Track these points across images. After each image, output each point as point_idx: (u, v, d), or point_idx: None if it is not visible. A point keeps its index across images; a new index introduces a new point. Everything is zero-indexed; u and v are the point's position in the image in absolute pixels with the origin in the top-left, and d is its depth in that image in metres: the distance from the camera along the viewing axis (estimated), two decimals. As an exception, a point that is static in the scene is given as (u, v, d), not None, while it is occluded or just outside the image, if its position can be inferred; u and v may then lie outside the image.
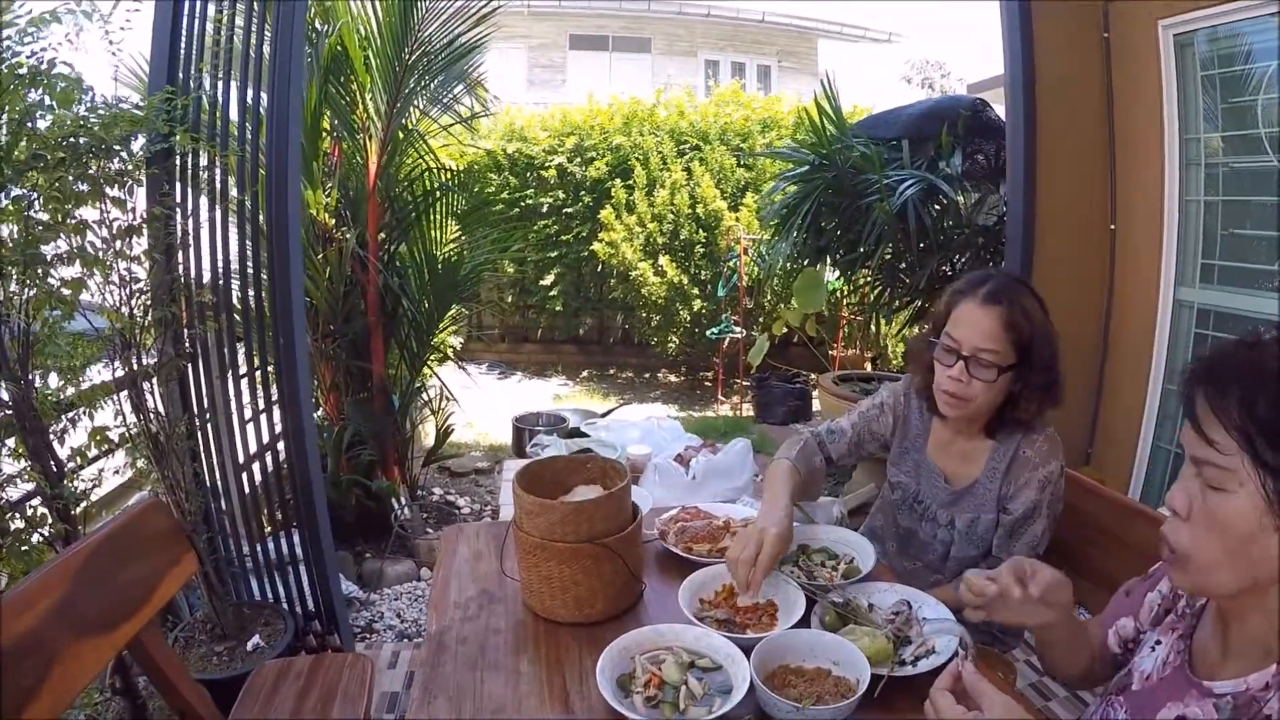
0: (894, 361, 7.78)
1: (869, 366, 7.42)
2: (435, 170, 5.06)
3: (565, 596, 1.91)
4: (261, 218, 3.18)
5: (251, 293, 3.27)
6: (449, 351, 6.76)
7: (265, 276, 3.23)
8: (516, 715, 1.65)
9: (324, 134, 4.69)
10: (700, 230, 7.92)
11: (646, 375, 8.86)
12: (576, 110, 8.87)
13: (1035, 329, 2.01)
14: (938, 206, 4.96)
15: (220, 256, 3.19)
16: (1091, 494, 2.31)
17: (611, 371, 8.95)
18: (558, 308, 8.59)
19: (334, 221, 4.64)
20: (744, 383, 7.67)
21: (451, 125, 5.32)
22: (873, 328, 7.72)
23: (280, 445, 3.39)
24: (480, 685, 1.73)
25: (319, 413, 4.82)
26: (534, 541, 1.89)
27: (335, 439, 4.65)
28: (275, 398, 3.32)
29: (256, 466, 3.43)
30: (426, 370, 5.42)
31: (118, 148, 2.66)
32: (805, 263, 5.68)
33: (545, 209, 8.54)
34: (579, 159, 8.53)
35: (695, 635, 1.77)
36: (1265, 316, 3.35)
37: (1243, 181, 3.57)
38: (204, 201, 3.16)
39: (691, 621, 1.84)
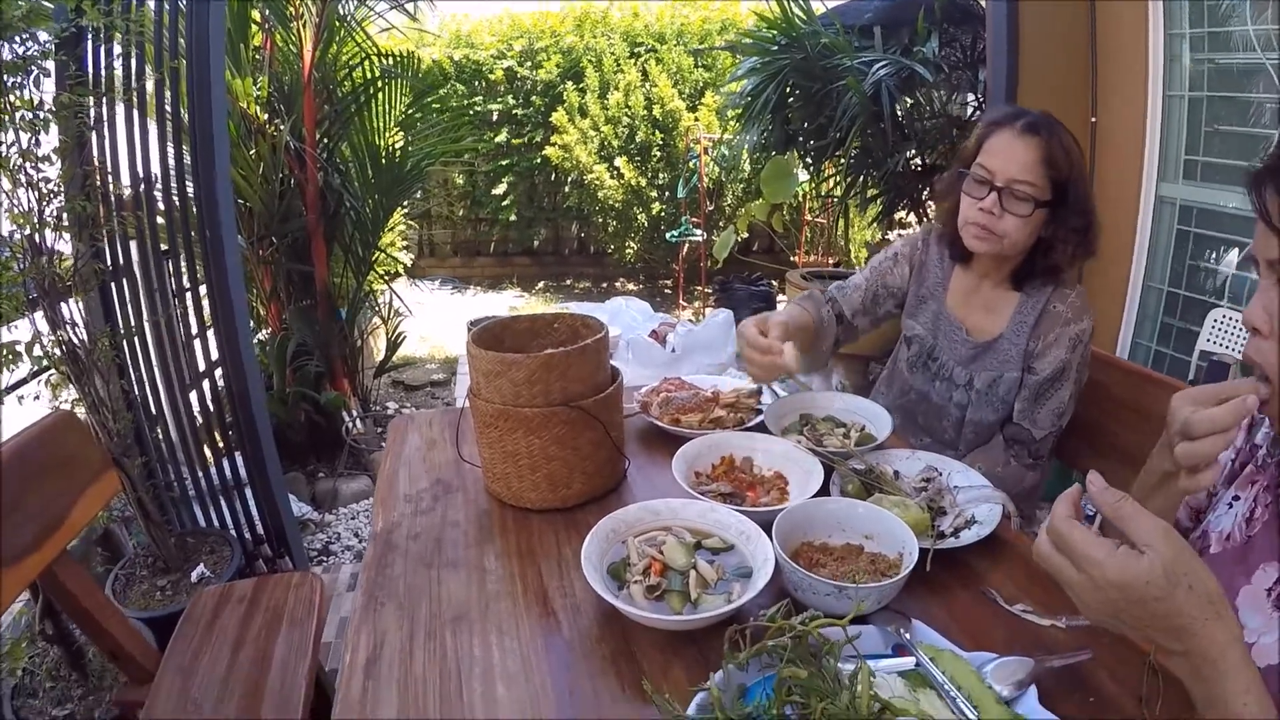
0: (859, 266, 7.42)
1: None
2: (376, 57, 4.57)
3: (535, 477, 1.56)
4: (184, 111, 2.80)
5: (175, 190, 2.87)
6: (400, 268, 6.40)
7: (190, 178, 2.85)
8: (484, 620, 1.31)
9: (254, 26, 4.22)
10: (657, 132, 7.48)
11: (604, 285, 8.43)
12: (526, 14, 8.32)
13: (1074, 167, 1.83)
14: (910, 100, 4.63)
15: (139, 152, 2.78)
16: (1109, 365, 2.07)
17: (568, 282, 8.49)
18: (511, 218, 8.12)
19: (266, 115, 4.17)
20: (705, 289, 7.31)
21: (391, 9, 4.82)
22: (837, 230, 7.38)
23: (217, 362, 3.03)
24: (437, 586, 1.39)
25: (262, 333, 4.43)
26: (495, 410, 1.52)
27: (278, 350, 4.23)
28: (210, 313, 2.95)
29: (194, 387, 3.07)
30: (374, 278, 5.00)
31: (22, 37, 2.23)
32: (772, 153, 5.28)
33: (495, 117, 8.03)
34: (529, 62, 7.96)
35: (698, 511, 1.43)
36: (1248, 215, 3.08)
37: (1226, 77, 3.44)
38: (119, 94, 2.74)
39: (691, 495, 1.49)
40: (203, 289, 2.97)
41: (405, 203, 6.56)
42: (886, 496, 1.51)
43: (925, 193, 4.67)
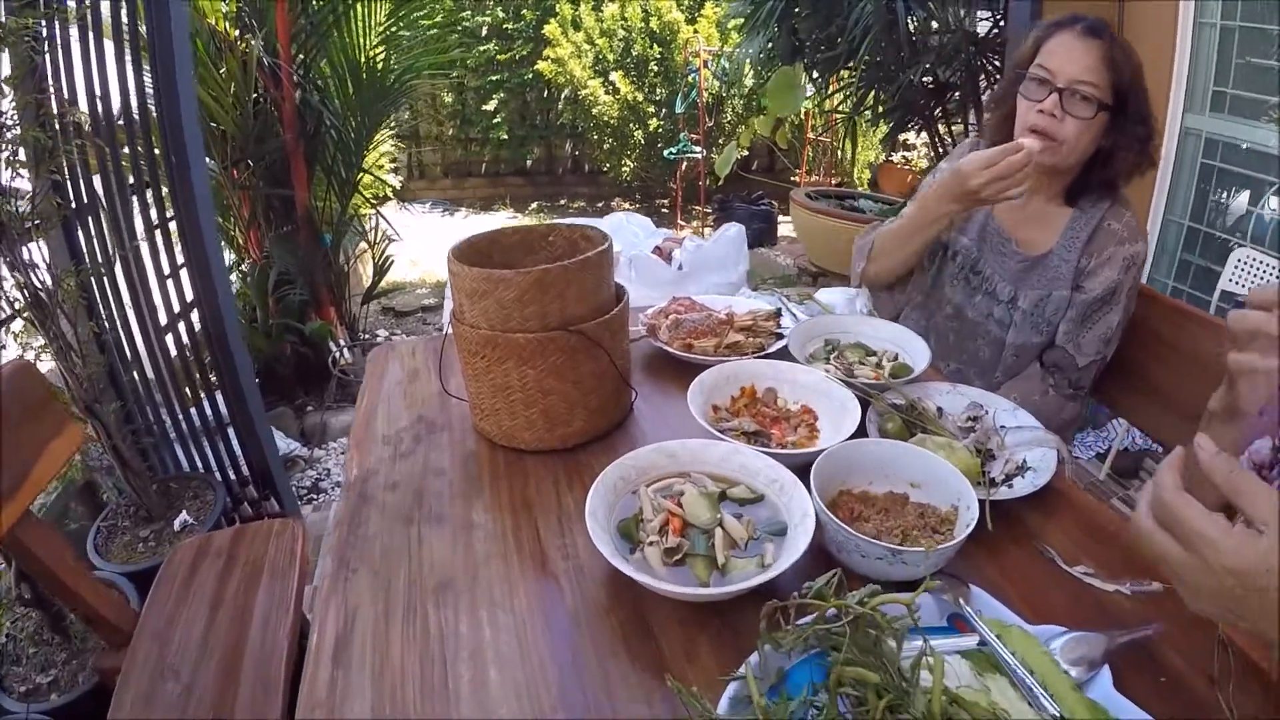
0: (862, 187, 7.16)
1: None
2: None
3: (530, 413, 1.35)
4: (142, 28, 2.50)
5: (137, 115, 2.59)
6: (388, 191, 6.17)
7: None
8: (472, 589, 1.11)
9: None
10: (655, 45, 7.11)
11: (600, 204, 8.03)
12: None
13: (1134, 71, 1.71)
14: (925, 13, 4.32)
15: (96, 75, 2.49)
16: (1151, 300, 1.90)
17: (562, 202, 8.15)
18: (502, 137, 7.77)
19: (236, 30, 3.87)
20: (704, 208, 7.03)
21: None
22: (841, 150, 7.08)
23: (193, 303, 2.78)
24: (417, 547, 1.20)
25: (244, 265, 4.18)
26: (482, 336, 1.31)
27: (259, 279, 3.99)
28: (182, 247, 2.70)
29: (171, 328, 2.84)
30: (360, 202, 4.72)
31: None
32: (778, 64, 4.98)
33: (484, 30, 7.65)
34: (519, -29, 7.59)
35: (721, 454, 1.22)
36: (1273, 152, 3.12)
37: (1261, 7, 3.20)
38: (72, 14, 2.45)
39: (713, 434, 1.28)
40: (175, 224, 2.72)
41: (391, 122, 6.29)
42: (930, 437, 1.32)
43: (937, 111, 4.42)
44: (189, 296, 2.75)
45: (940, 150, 4.44)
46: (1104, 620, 1.02)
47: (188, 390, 2.91)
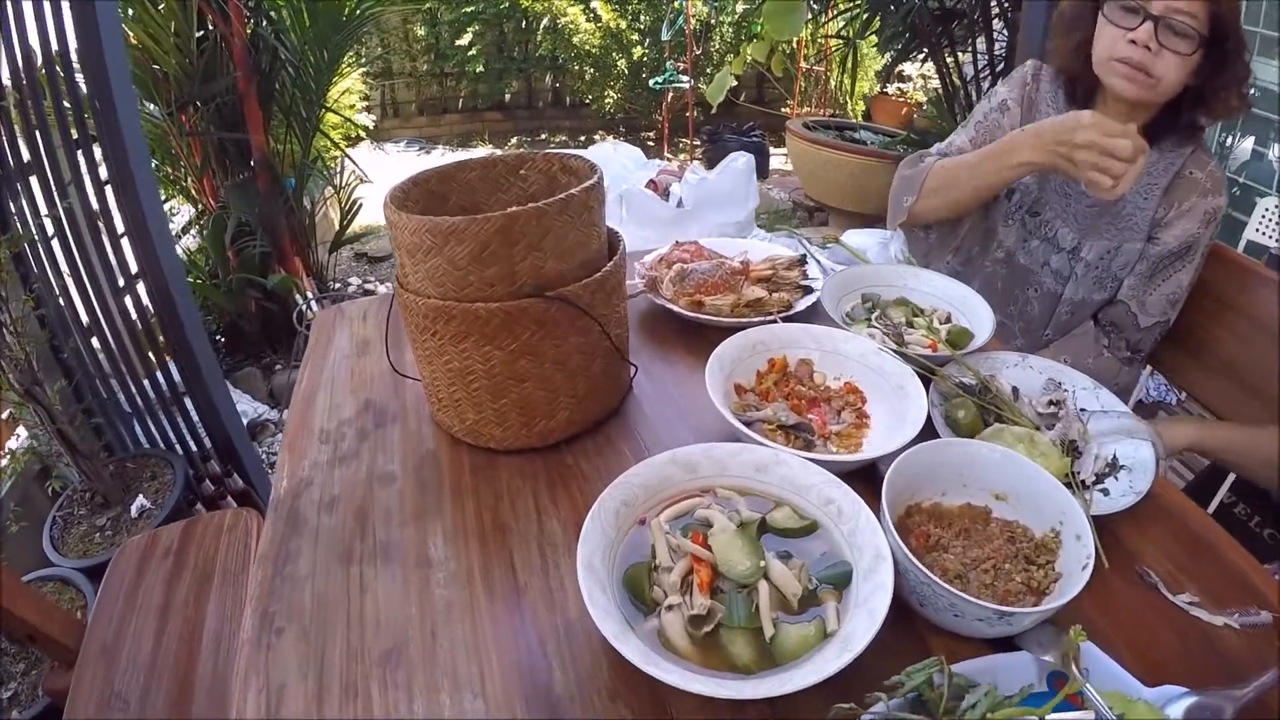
0: (856, 118, 6.78)
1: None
2: None
3: (500, 405, 1.04)
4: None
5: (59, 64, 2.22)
6: (360, 131, 5.81)
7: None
8: (429, 660, 0.81)
9: None
10: (639, -33, 6.68)
11: (582, 138, 7.56)
12: None
13: (1233, 1, 1.43)
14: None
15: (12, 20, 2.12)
16: (1213, 257, 1.62)
17: (543, 137, 7.70)
18: (478, 70, 7.30)
19: (176, -37, 3.47)
20: (692, 140, 6.64)
21: None
22: (836, 80, 6.67)
23: (138, 273, 2.46)
24: (359, 597, 0.89)
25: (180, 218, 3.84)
26: (431, 307, 0.99)
27: (214, 231, 3.65)
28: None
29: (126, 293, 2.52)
30: (323, 143, 4.34)
31: None
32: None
33: (454, -42, 7.17)
34: (489, -109, 7.09)
35: (757, 463, 0.90)
36: None
37: None
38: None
39: (742, 433, 0.96)
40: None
41: (359, 58, 5.89)
42: (1008, 428, 1.03)
43: (944, 40, 4.04)
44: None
45: (951, 82, 4.08)
46: (1216, 664, 0.83)
47: (137, 361, 2.60)
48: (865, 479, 0.96)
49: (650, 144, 7.26)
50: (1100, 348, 1.59)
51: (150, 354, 2.59)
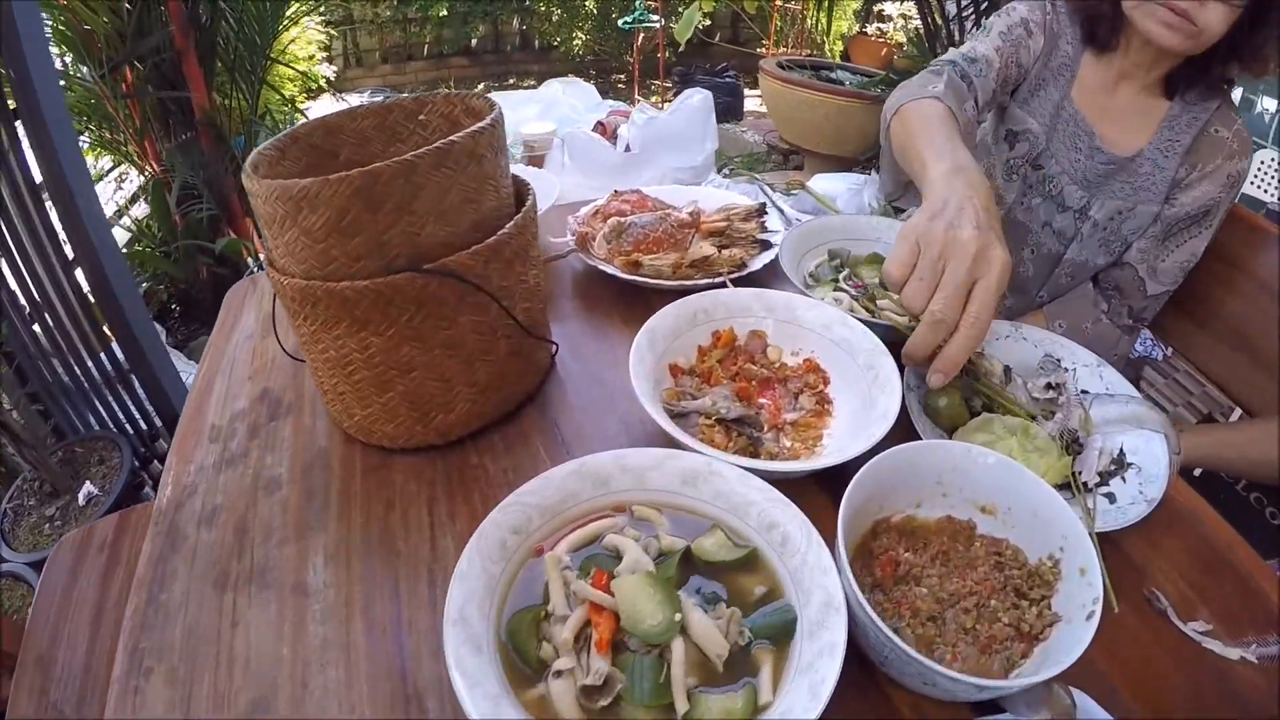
0: (834, 58, 6.52)
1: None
2: None
3: (386, 398, 0.85)
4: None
5: None
6: (321, 82, 5.57)
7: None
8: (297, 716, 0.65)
9: None
10: (604, -101, 6.37)
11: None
12: None
13: None
14: None
15: None
16: None
17: (511, 82, 7.37)
18: (442, 14, 7.01)
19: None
20: (664, 82, 6.37)
21: None
22: (813, 20, 6.40)
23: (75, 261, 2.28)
24: (230, 633, 0.73)
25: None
26: (297, 288, 0.79)
27: (155, 196, 3.42)
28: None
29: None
30: (272, 98, 4.08)
31: None
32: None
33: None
34: None
35: (683, 472, 0.71)
36: None
37: None
38: None
39: (672, 436, 0.78)
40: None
41: (319, 6, 5.61)
42: (999, 418, 0.86)
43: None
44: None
45: (932, 21, 3.85)
46: (1229, 702, 0.69)
47: (78, 341, 2.41)
48: (827, 478, 0.79)
49: (621, 86, 6.99)
50: (1099, 313, 1.42)
51: (92, 335, 2.41)
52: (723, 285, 1.05)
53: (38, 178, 2.08)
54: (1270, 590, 0.78)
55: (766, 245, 1.21)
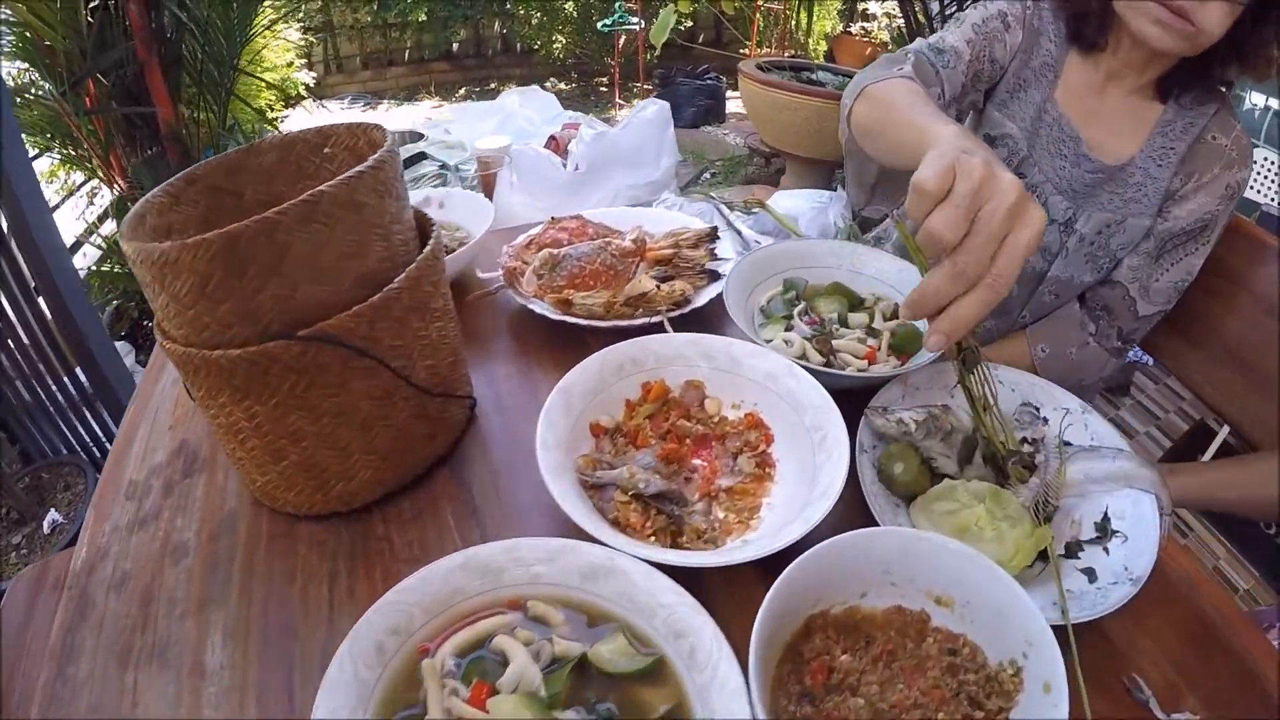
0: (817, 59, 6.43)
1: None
2: None
3: (282, 466, 0.77)
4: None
5: None
6: (300, 89, 5.53)
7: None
8: None
9: None
10: (584, -99, 6.27)
11: (533, 86, 7.36)
12: None
13: None
14: None
15: None
16: None
17: (493, 86, 7.23)
18: (421, 19, 6.92)
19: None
20: (645, 85, 6.28)
21: None
22: (795, 19, 6.31)
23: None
24: (131, 714, 0.68)
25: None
26: (178, 355, 0.71)
27: (122, 213, 3.32)
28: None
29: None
30: (246, 110, 3.99)
31: None
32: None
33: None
34: None
35: (583, 569, 0.62)
36: None
37: None
38: None
39: (582, 529, 0.67)
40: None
41: (298, 13, 5.53)
42: (963, 484, 0.78)
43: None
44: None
45: (915, 20, 3.77)
46: None
47: (41, 366, 2.34)
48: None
49: (603, 89, 6.90)
50: (1086, 335, 1.32)
51: (54, 357, 2.33)
52: (661, 327, 0.96)
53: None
54: (1269, 669, 0.70)
55: (716, 276, 1.11)
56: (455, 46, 7.32)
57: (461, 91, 7.19)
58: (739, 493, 0.78)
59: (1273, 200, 2.66)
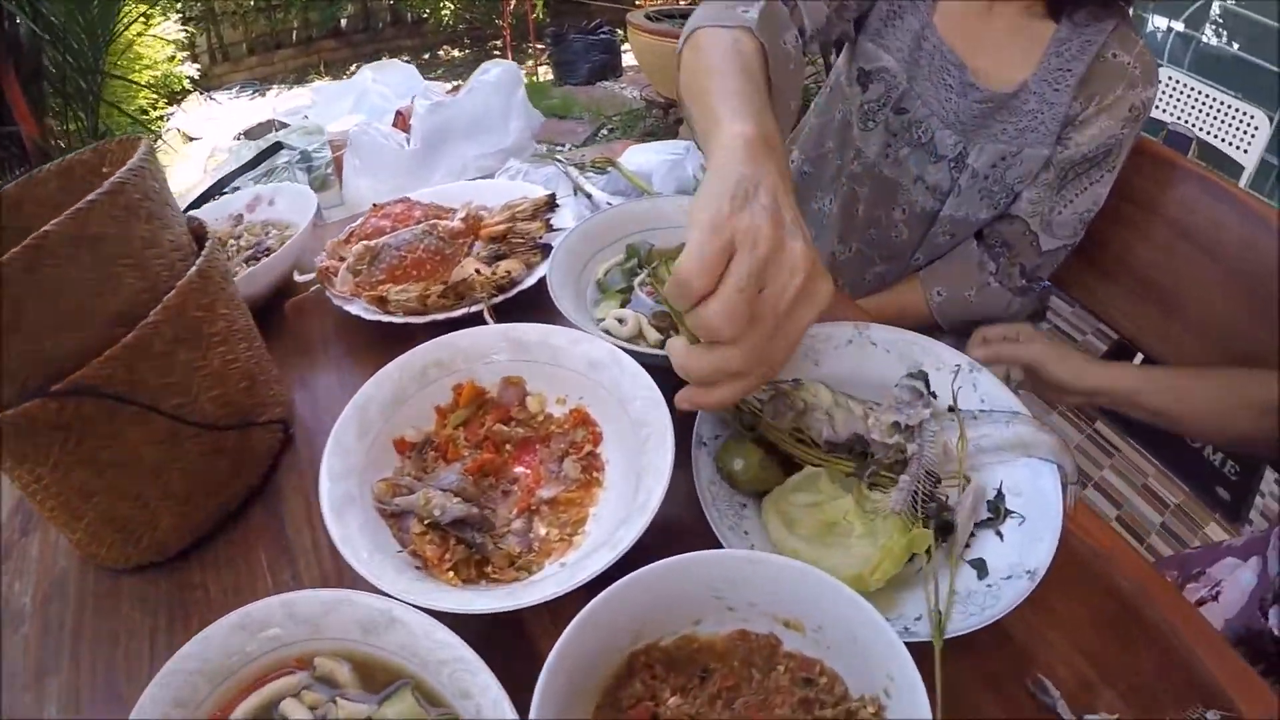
0: None
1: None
2: None
3: (85, 524, 0.72)
4: None
5: None
6: (184, 83, 5.29)
7: None
8: None
9: None
10: None
11: (426, 56, 7.02)
12: None
13: None
14: None
15: None
16: None
17: (385, 60, 7.16)
18: (306, -4, 6.66)
19: None
20: (537, 45, 6.11)
21: None
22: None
23: None
24: None
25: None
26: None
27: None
28: None
29: None
30: (117, 114, 3.75)
31: None
32: None
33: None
34: None
35: (361, 622, 0.56)
36: None
37: None
38: None
39: (355, 564, 0.61)
40: None
41: (175, 5, 5.30)
42: (825, 473, 0.71)
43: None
44: None
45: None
46: None
47: None
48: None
49: (497, 53, 6.72)
50: (986, 275, 1.27)
51: None
52: (482, 319, 0.90)
53: None
54: (1199, 646, 0.65)
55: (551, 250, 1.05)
56: (344, 22, 7.06)
57: (353, 68, 6.96)
58: (564, 503, 0.72)
59: (1179, 119, 2.66)
